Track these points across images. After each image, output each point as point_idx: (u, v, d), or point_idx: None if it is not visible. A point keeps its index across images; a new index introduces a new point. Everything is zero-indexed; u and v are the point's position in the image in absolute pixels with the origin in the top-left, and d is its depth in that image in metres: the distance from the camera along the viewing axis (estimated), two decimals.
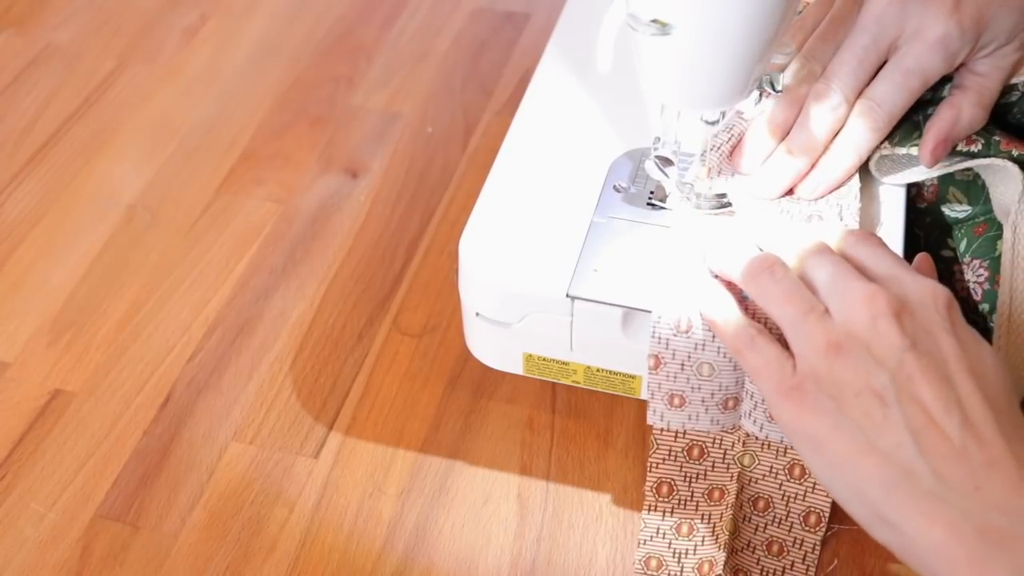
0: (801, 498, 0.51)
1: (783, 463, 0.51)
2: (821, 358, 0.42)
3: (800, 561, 0.52)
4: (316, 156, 0.76)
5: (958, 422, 0.40)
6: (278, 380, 0.62)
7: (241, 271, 0.68)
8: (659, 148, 0.51)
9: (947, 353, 0.41)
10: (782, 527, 0.52)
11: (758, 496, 0.52)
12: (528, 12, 0.87)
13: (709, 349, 0.48)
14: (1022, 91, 0.54)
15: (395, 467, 0.57)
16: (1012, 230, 0.51)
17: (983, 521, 0.38)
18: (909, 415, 0.40)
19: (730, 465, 0.52)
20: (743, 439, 0.51)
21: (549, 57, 0.62)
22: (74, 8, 0.90)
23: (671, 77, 0.46)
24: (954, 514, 0.38)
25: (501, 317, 0.52)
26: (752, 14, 0.42)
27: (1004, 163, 0.51)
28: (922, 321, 0.42)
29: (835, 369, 0.42)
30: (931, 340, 0.42)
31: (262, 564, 0.53)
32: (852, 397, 0.41)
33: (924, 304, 0.43)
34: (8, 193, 0.74)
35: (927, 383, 0.40)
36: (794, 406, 0.43)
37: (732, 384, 0.49)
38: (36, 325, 0.65)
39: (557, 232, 0.52)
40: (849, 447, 0.41)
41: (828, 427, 0.42)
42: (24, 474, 0.57)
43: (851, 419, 0.41)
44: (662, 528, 0.52)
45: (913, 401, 0.40)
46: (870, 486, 0.40)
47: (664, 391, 0.50)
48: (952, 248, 0.55)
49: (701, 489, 0.52)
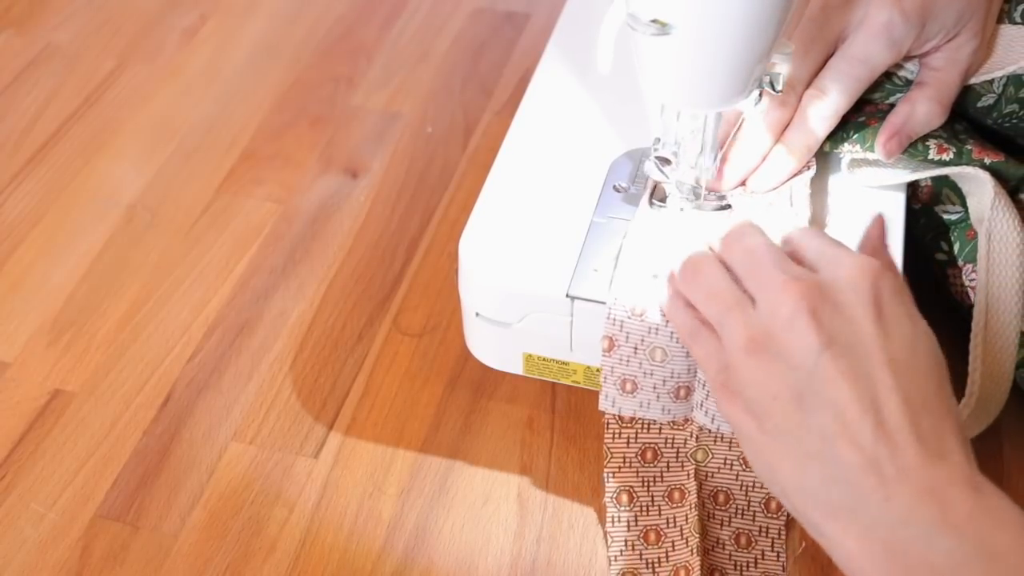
0: (759, 486, 0.52)
1: (737, 453, 0.51)
2: (742, 357, 0.42)
3: (770, 548, 0.52)
4: (316, 156, 0.76)
5: (871, 427, 0.38)
6: (278, 380, 0.62)
7: (241, 271, 0.68)
8: (659, 148, 0.51)
9: (868, 346, 0.40)
10: (746, 518, 0.52)
11: (717, 490, 0.52)
12: (528, 12, 0.87)
13: (663, 334, 0.48)
14: (998, 92, 0.53)
15: (395, 467, 0.57)
16: (986, 238, 0.51)
17: (890, 535, 0.37)
18: (824, 423, 0.39)
19: (684, 463, 0.52)
20: (695, 434, 0.51)
21: (549, 57, 0.62)
22: (74, 8, 0.90)
23: (671, 77, 0.46)
24: (863, 527, 0.38)
25: (501, 317, 0.52)
26: (752, 14, 0.42)
27: (975, 171, 0.51)
28: (845, 310, 0.41)
29: (754, 369, 0.41)
30: (852, 332, 0.40)
31: (262, 564, 0.53)
32: (770, 400, 0.41)
33: (852, 287, 0.41)
34: (8, 193, 0.74)
35: (844, 384, 0.39)
36: (726, 402, 0.43)
37: (684, 372, 0.49)
38: (36, 325, 0.65)
39: (557, 232, 0.52)
40: (772, 449, 0.41)
41: (754, 427, 0.42)
42: (24, 474, 0.57)
43: (772, 422, 0.41)
44: (630, 539, 0.52)
45: (828, 406, 0.39)
46: (791, 490, 0.40)
47: (617, 375, 0.50)
48: (946, 251, 0.55)
49: (660, 492, 0.52)
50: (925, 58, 0.53)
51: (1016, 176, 0.53)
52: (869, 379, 0.39)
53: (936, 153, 0.52)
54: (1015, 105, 0.53)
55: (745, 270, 0.44)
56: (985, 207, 0.51)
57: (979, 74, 0.53)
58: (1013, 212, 0.50)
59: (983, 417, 0.50)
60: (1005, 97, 0.53)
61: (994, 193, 0.50)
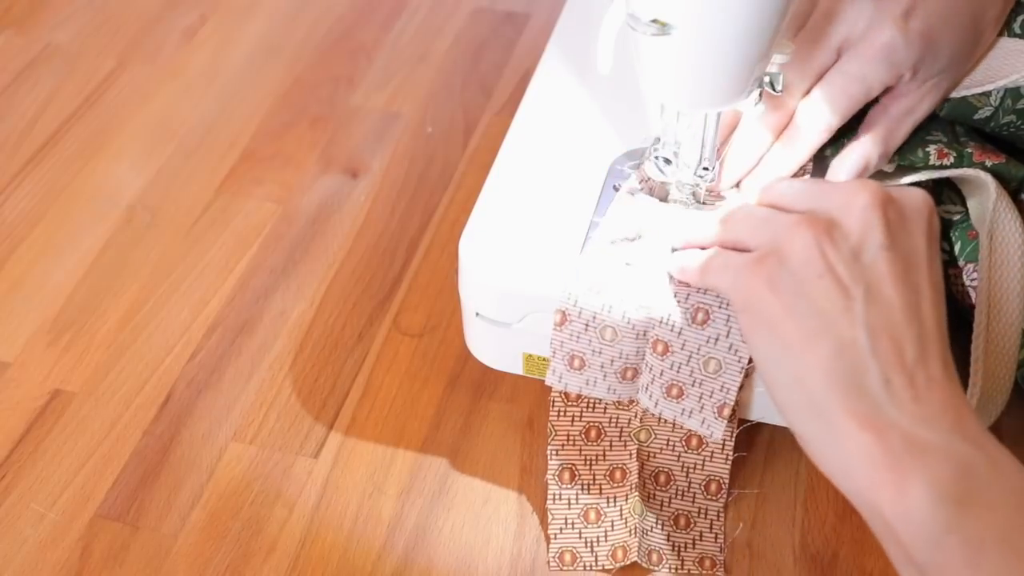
0: (700, 468, 0.52)
1: (680, 435, 0.52)
2: (790, 232, 0.42)
3: (708, 530, 0.53)
4: (316, 156, 0.76)
5: (915, 332, 0.40)
6: (278, 380, 0.62)
7: (241, 271, 0.68)
8: (659, 148, 0.51)
9: (921, 260, 0.41)
10: (685, 499, 0.53)
11: (659, 471, 0.53)
12: (528, 12, 0.87)
13: (615, 312, 0.48)
14: (995, 105, 0.53)
15: (395, 467, 0.57)
16: (988, 238, 0.51)
17: (912, 432, 0.38)
18: (871, 313, 0.40)
19: (627, 442, 0.53)
20: (640, 414, 0.52)
21: (549, 57, 0.62)
22: (74, 8, 0.90)
23: (671, 77, 0.46)
24: (886, 420, 0.39)
25: (501, 317, 0.52)
26: (752, 14, 0.42)
27: (977, 173, 0.51)
28: (907, 222, 0.42)
29: (803, 246, 0.41)
30: (910, 242, 0.42)
31: (262, 564, 0.53)
32: (816, 278, 0.41)
33: (915, 205, 0.43)
34: (8, 193, 0.74)
35: (897, 288, 0.40)
36: (753, 277, 0.42)
37: (632, 354, 0.49)
38: (36, 325, 0.65)
39: (557, 232, 0.52)
40: (801, 331, 0.41)
41: (783, 307, 0.41)
42: (24, 474, 0.57)
43: (809, 302, 0.41)
44: (570, 518, 0.53)
45: (880, 302, 0.40)
46: (814, 375, 0.40)
47: (566, 350, 0.50)
48: (946, 251, 0.55)
49: (602, 470, 0.53)
50: (888, 98, 0.51)
51: (1017, 177, 0.53)
52: (917, 290, 0.41)
53: (937, 158, 0.52)
54: (1013, 116, 0.53)
55: (803, 190, 0.44)
56: (987, 208, 0.51)
57: (973, 86, 0.53)
58: (1015, 213, 0.50)
59: (985, 417, 0.50)
60: (1003, 109, 0.53)
61: (996, 195, 0.50)
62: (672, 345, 0.48)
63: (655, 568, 0.52)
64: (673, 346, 0.48)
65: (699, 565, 0.52)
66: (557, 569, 0.52)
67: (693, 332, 0.47)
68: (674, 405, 0.50)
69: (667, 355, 0.48)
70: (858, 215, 0.41)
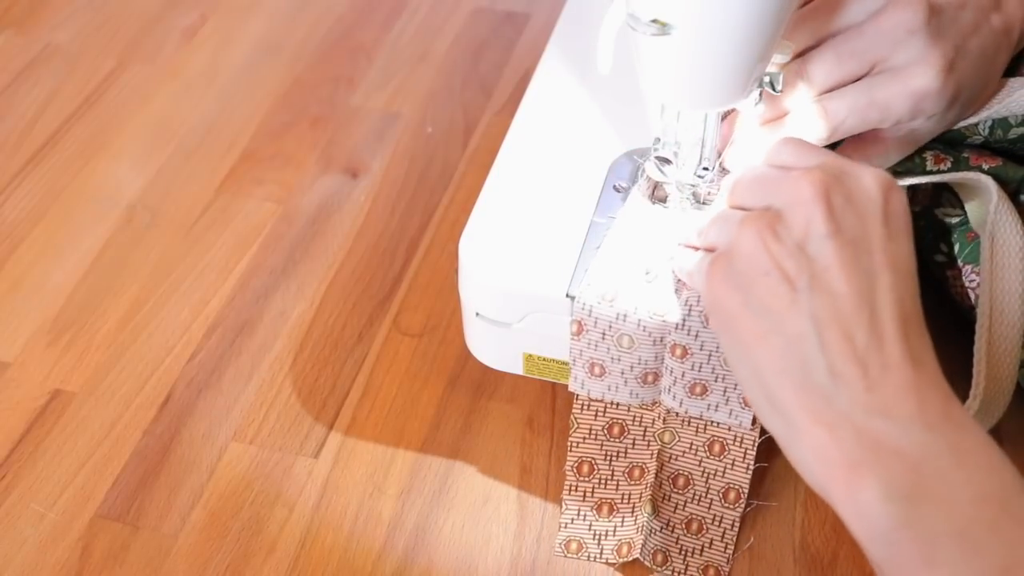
0: (721, 475, 0.52)
1: (703, 440, 0.52)
2: (738, 231, 0.42)
3: (719, 539, 0.52)
4: (316, 156, 0.76)
5: (866, 320, 0.39)
6: (278, 380, 0.62)
7: (241, 271, 0.68)
8: (659, 148, 0.51)
9: (874, 244, 0.40)
10: (701, 504, 0.53)
11: (678, 473, 0.53)
12: (528, 12, 0.87)
13: (630, 321, 0.48)
14: (984, 135, 0.53)
15: (395, 467, 0.57)
16: (989, 240, 0.51)
17: (864, 425, 0.38)
18: (817, 305, 0.39)
19: (650, 442, 0.52)
20: (663, 416, 0.52)
21: (549, 57, 0.62)
22: (74, 8, 0.90)
23: (671, 77, 0.46)
24: (838, 415, 0.38)
25: (501, 317, 0.52)
26: (752, 14, 0.42)
27: (977, 176, 0.51)
28: (858, 205, 0.41)
29: (748, 244, 0.41)
30: (860, 227, 0.40)
31: (262, 564, 0.53)
32: (762, 275, 0.40)
33: (864, 187, 0.41)
34: (8, 193, 0.74)
35: (844, 276, 0.39)
36: (711, 278, 0.43)
37: (651, 359, 0.49)
38: (36, 325, 0.65)
39: (557, 232, 0.52)
40: (754, 329, 0.41)
41: (738, 303, 0.41)
42: (24, 474, 0.57)
43: (758, 299, 0.40)
44: (583, 510, 0.53)
45: (825, 292, 0.39)
46: (768, 372, 0.40)
47: (585, 358, 0.50)
48: (945, 253, 0.55)
49: (622, 468, 0.53)
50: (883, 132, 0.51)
51: (1015, 179, 0.53)
52: (870, 274, 0.40)
53: (933, 164, 0.53)
54: (1005, 144, 0.54)
55: (753, 185, 0.44)
56: (988, 211, 0.51)
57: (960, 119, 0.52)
58: (1015, 215, 0.50)
59: (987, 419, 0.50)
60: (993, 139, 0.53)
61: (996, 196, 0.50)
62: (690, 348, 0.48)
63: (658, 569, 0.52)
64: (691, 348, 0.48)
65: (703, 573, 0.52)
66: (561, 555, 0.52)
67: (709, 334, 0.47)
68: (699, 402, 0.50)
69: (686, 358, 0.48)
70: (801, 206, 0.41)
